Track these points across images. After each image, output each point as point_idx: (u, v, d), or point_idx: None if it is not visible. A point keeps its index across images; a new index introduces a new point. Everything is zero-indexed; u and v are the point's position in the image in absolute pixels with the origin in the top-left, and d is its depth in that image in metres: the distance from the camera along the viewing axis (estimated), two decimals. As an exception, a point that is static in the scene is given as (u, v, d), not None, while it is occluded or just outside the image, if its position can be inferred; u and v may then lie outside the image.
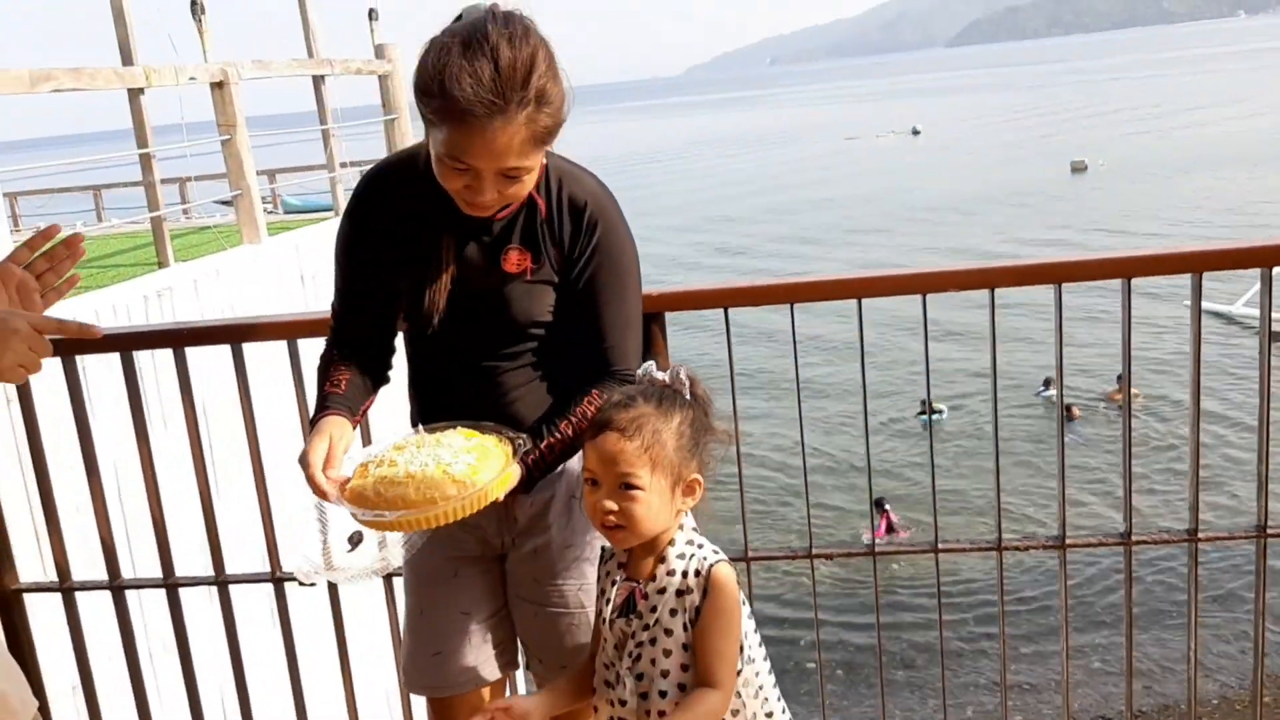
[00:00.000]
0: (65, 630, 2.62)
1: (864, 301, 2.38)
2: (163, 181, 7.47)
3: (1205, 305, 2.36)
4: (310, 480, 1.76)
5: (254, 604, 2.83)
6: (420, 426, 1.91)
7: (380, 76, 10.11)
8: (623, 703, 1.81)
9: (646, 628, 1.78)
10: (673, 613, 1.76)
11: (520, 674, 2.27)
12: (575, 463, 2.02)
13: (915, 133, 69.91)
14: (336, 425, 1.86)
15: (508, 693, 2.18)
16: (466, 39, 1.70)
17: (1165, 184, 38.21)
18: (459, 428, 1.84)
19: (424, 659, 2.08)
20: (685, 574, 1.77)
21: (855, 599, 12.15)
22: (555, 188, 1.91)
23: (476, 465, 1.72)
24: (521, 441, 1.82)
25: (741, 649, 1.80)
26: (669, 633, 1.76)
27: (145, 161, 6.92)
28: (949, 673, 10.32)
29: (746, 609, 1.83)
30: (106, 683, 2.74)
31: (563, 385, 1.95)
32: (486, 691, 2.09)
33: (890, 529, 13.91)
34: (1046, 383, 18.11)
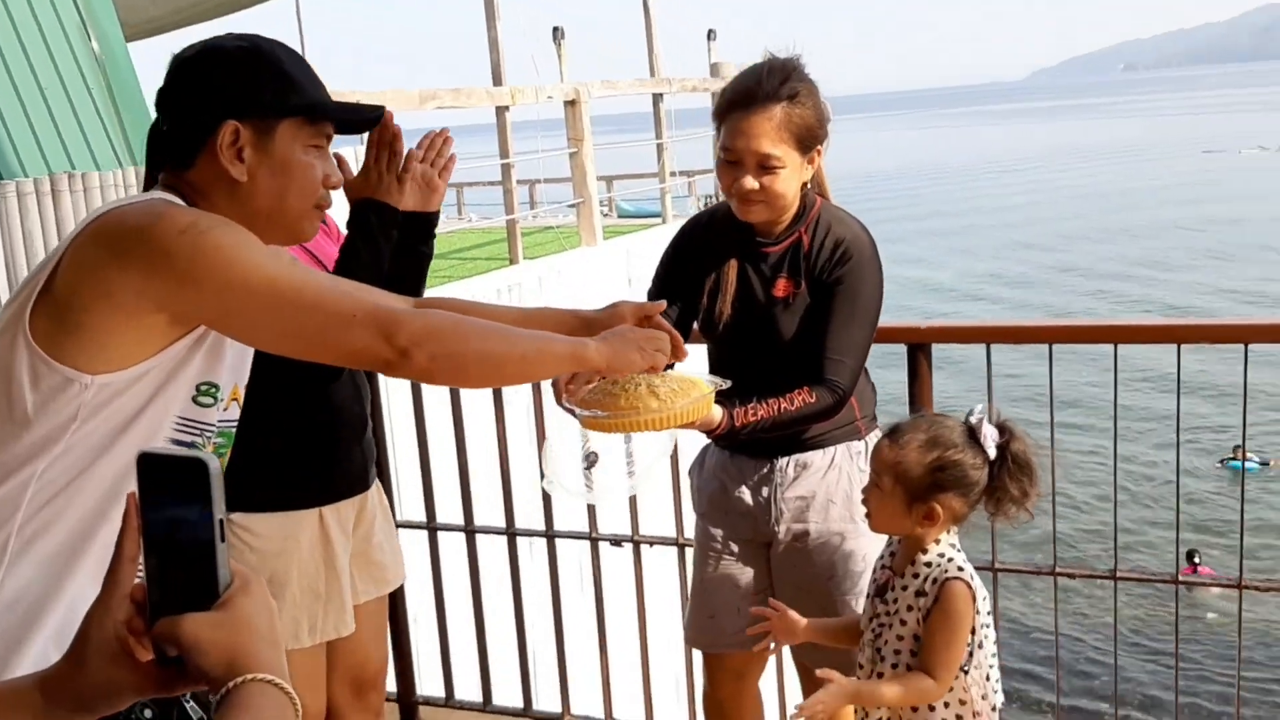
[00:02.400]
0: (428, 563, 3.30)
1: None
2: (518, 182, 8.46)
3: None
4: (553, 386, 2.10)
5: (574, 559, 3.41)
6: None
7: (714, 94, 10.77)
8: (860, 666, 2.20)
9: (889, 613, 2.14)
10: (909, 608, 2.09)
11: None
12: (834, 471, 2.42)
13: (1287, 149, 63.62)
14: None
15: (770, 662, 2.59)
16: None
17: None
18: (680, 372, 2.17)
19: (701, 620, 2.55)
20: (927, 579, 2.08)
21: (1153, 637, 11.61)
22: (821, 228, 2.34)
23: (678, 390, 1.99)
24: (723, 383, 2.07)
25: (972, 654, 2.07)
26: (904, 623, 2.10)
27: (505, 171, 7.87)
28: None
29: (986, 618, 2.09)
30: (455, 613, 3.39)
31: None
32: (749, 656, 2.51)
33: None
34: None
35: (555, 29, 8.80)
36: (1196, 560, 13.27)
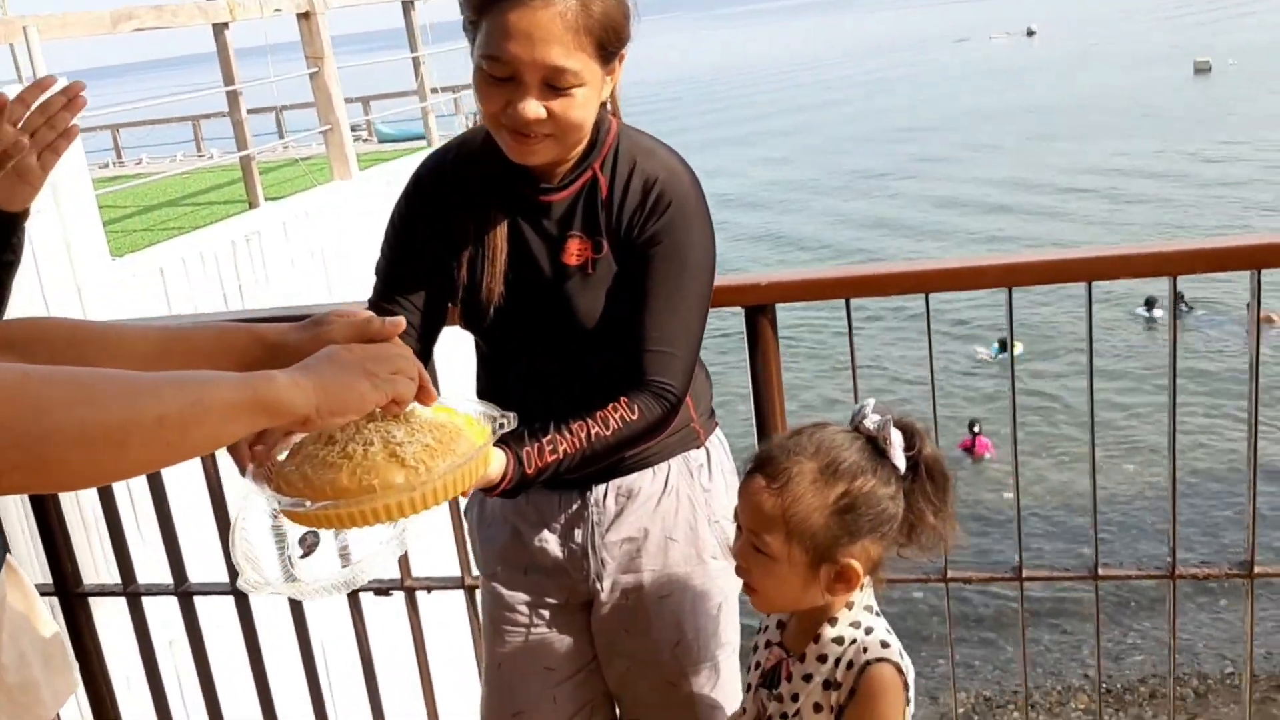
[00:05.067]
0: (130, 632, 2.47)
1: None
2: (259, 111, 7.34)
3: None
4: (232, 450, 1.36)
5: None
6: None
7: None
8: None
9: (784, 715, 1.50)
10: (816, 707, 1.47)
11: None
12: (671, 497, 1.75)
13: (1030, 34, 66.88)
14: None
15: None
16: None
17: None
18: (435, 404, 1.36)
19: (503, 719, 1.84)
20: (838, 662, 1.47)
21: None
22: (624, 164, 1.63)
23: (435, 448, 1.28)
24: (504, 421, 1.36)
25: None
26: None
27: (232, 99, 6.75)
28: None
29: (912, 708, 1.50)
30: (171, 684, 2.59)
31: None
32: None
33: (972, 448, 13.54)
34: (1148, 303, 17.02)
35: (277, -72, 7.62)
36: (976, 430, 13.57)
